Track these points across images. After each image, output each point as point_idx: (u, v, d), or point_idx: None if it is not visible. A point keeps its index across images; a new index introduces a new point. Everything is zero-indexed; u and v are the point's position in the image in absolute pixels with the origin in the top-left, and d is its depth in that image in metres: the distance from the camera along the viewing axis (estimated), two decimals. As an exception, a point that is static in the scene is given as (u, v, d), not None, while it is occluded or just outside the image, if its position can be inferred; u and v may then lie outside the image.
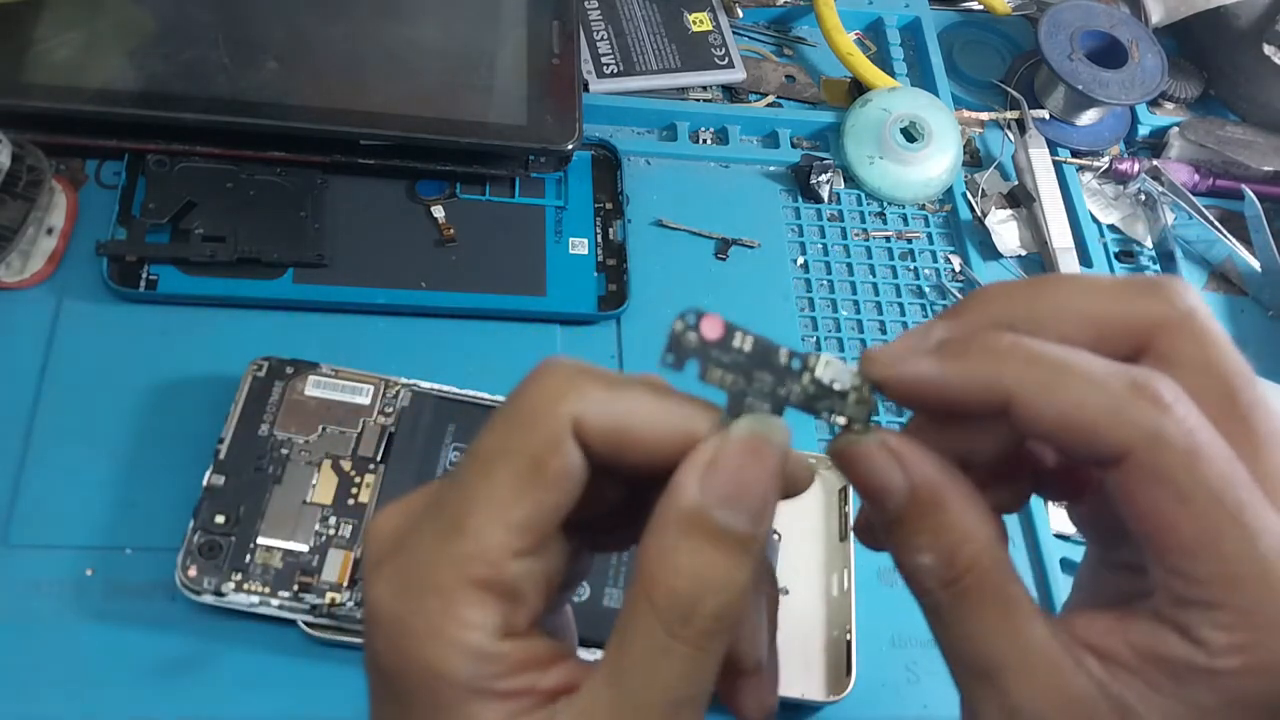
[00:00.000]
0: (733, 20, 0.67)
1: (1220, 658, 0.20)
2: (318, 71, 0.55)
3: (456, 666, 0.20)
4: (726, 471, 0.20)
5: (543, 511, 0.21)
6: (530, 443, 0.21)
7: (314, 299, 0.51)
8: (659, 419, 0.21)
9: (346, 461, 0.46)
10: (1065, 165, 0.66)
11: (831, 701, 0.45)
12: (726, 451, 0.21)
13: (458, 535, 0.21)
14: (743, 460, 0.21)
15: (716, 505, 0.20)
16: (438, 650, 0.20)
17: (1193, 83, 0.70)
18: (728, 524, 0.20)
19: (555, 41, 0.59)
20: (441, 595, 0.21)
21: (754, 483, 0.21)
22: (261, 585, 0.43)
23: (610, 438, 0.21)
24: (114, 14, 0.54)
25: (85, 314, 0.49)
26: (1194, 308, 0.22)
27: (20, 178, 0.49)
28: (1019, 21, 0.73)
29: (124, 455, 0.46)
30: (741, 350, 0.22)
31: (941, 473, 0.22)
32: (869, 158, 0.62)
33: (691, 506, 0.20)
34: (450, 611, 0.20)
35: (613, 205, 0.58)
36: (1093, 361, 0.21)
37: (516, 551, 0.21)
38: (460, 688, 0.20)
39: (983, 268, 0.61)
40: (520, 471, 0.21)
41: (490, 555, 0.21)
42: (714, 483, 0.20)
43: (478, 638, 0.20)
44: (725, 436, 0.21)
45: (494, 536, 0.21)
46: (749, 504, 0.20)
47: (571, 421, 0.21)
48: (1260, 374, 0.61)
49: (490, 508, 0.21)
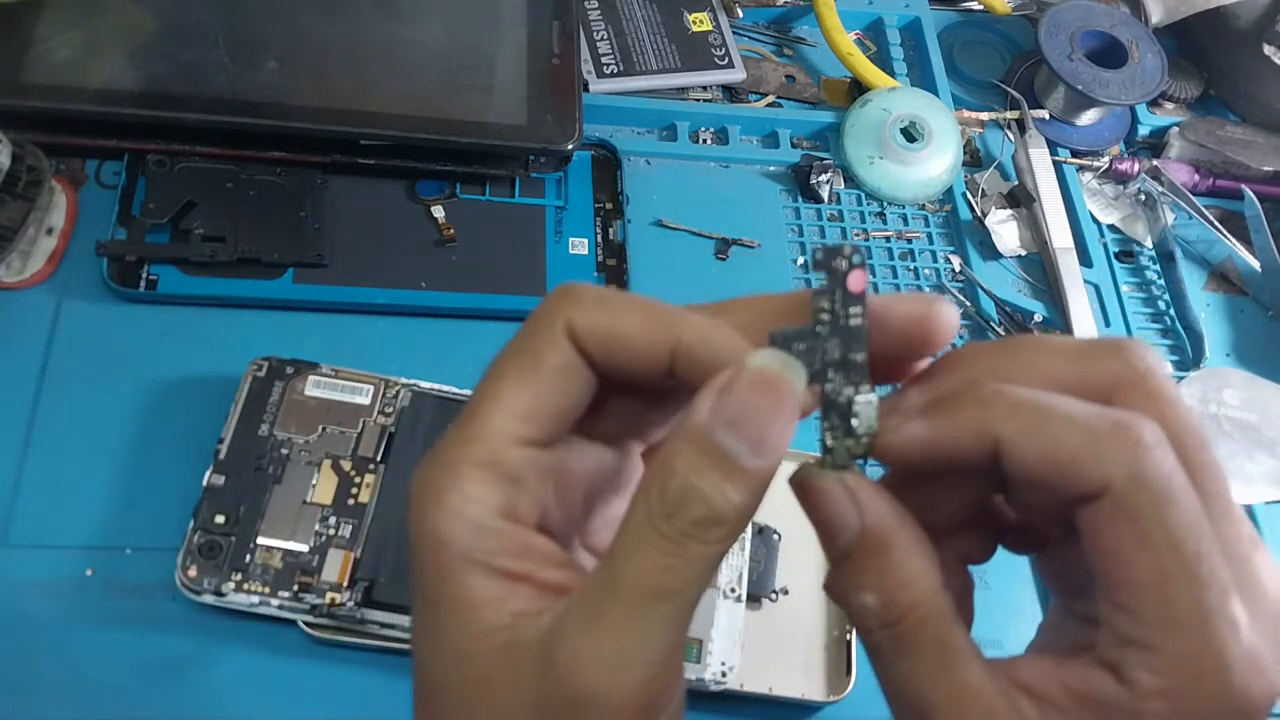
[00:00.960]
0: (733, 20, 0.67)
1: (1147, 700, 0.21)
2: (318, 71, 0.55)
3: (454, 533, 0.22)
4: (735, 398, 0.21)
5: (541, 401, 0.23)
6: (529, 343, 0.23)
7: (314, 299, 0.51)
8: (641, 326, 0.23)
9: (346, 461, 0.46)
10: (1065, 165, 0.66)
11: (831, 701, 0.45)
12: (739, 379, 0.22)
13: (467, 422, 0.23)
14: (752, 390, 0.22)
15: (719, 427, 0.21)
16: (440, 516, 0.23)
17: (1193, 83, 0.70)
18: (726, 446, 0.21)
19: (555, 41, 0.59)
20: (449, 471, 0.23)
21: (759, 413, 0.21)
22: (261, 585, 0.43)
23: (599, 340, 0.23)
24: (114, 14, 0.54)
25: (85, 314, 0.49)
26: (1151, 368, 0.23)
27: (20, 178, 0.49)
28: (1019, 21, 0.73)
29: (124, 455, 0.46)
30: (847, 320, 0.22)
31: (893, 517, 0.23)
32: (869, 158, 0.62)
33: (699, 422, 0.21)
34: (454, 484, 0.23)
35: (613, 205, 0.58)
36: (1074, 404, 0.22)
37: (520, 439, 0.23)
38: (458, 555, 0.22)
39: (983, 268, 0.61)
40: (520, 366, 0.23)
41: (491, 439, 0.23)
42: (722, 406, 0.21)
43: (475, 510, 0.22)
44: (741, 365, 0.22)
45: (495, 422, 0.23)
46: (750, 433, 0.21)
47: (564, 324, 0.23)
48: (1260, 374, 0.61)
49: (494, 398, 0.23)
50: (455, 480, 0.23)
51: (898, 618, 0.22)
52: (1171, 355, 0.61)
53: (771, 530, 0.48)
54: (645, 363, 0.23)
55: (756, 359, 0.22)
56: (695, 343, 0.23)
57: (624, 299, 0.24)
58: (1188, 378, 0.60)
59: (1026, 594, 0.51)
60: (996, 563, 0.25)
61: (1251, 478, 0.57)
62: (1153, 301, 0.63)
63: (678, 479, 0.21)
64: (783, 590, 0.48)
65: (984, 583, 0.51)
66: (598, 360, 0.23)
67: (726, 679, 0.44)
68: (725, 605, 0.46)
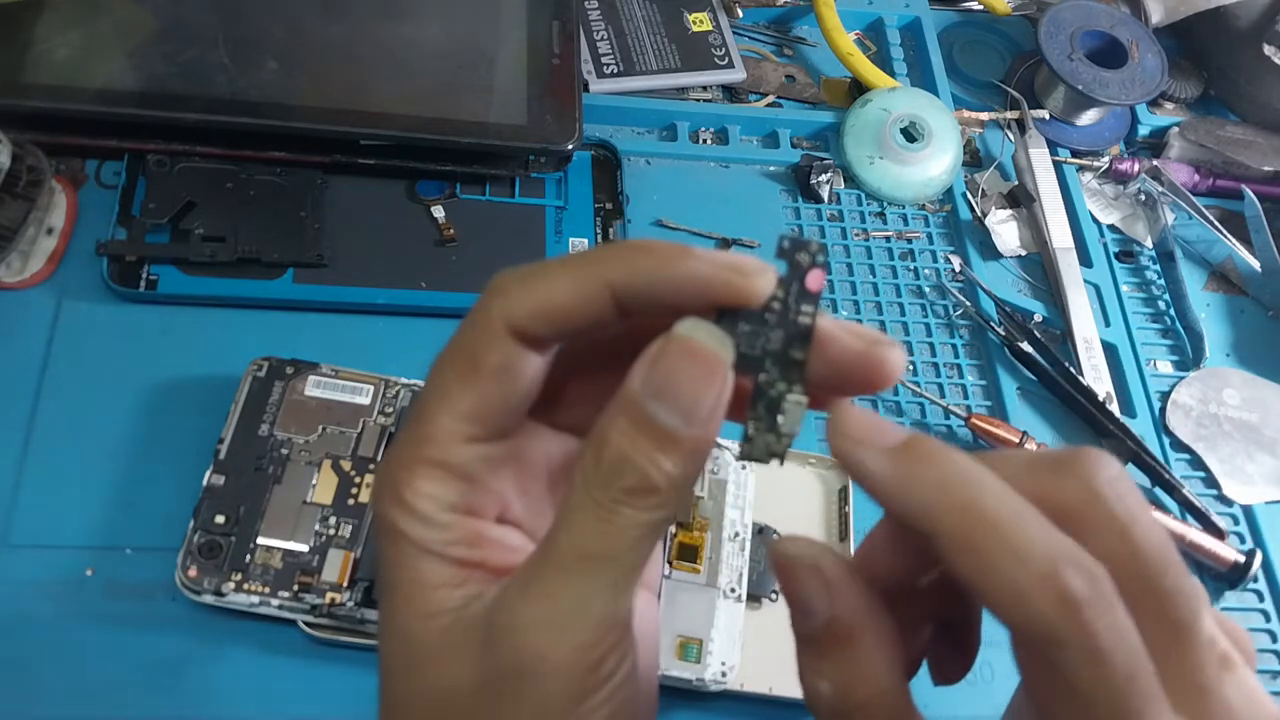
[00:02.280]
0: (733, 20, 0.67)
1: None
2: (318, 71, 0.55)
3: (409, 527, 0.23)
4: (661, 368, 0.22)
5: (487, 401, 0.23)
6: (468, 342, 0.24)
7: (314, 299, 0.51)
8: (571, 287, 0.23)
9: (346, 461, 0.46)
10: (1065, 165, 0.66)
11: (831, 701, 0.45)
12: (667, 348, 0.22)
13: (418, 421, 0.24)
14: (679, 359, 0.22)
15: (649, 397, 0.21)
16: (396, 512, 0.23)
17: (1193, 83, 0.70)
18: (655, 415, 0.21)
19: (555, 41, 0.59)
20: (404, 469, 0.24)
21: (688, 382, 0.21)
22: (261, 585, 0.43)
23: (539, 320, 0.23)
24: (114, 14, 0.54)
25: (85, 314, 0.49)
26: (1103, 488, 0.21)
27: (20, 178, 0.48)
28: (1019, 21, 0.73)
29: (124, 455, 0.46)
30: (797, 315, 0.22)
31: (863, 610, 0.22)
32: (869, 158, 0.62)
33: (632, 392, 0.22)
34: (408, 482, 0.23)
35: (613, 205, 0.58)
36: (1025, 530, 0.20)
37: (467, 437, 0.24)
38: (412, 545, 0.23)
39: (983, 268, 0.61)
40: (461, 368, 0.23)
41: (440, 439, 0.23)
42: (650, 375, 0.22)
43: (427, 505, 0.23)
44: (668, 335, 0.22)
45: (442, 424, 0.23)
46: (679, 402, 0.21)
47: (503, 320, 0.23)
48: (1260, 374, 0.61)
49: (439, 399, 0.24)
50: (410, 478, 0.23)
51: (849, 710, 0.22)
52: (1171, 355, 0.61)
53: (771, 530, 0.48)
54: (590, 319, 0.23)
55: (683, 328, 0.22)
56: (629, 276, 0.23)
57: (546, 267, 0.23)
58: (1187, 378, 0.60)
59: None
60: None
61: (1251, 478, 0.57)
62: (1153, 301, 0.63)
63: (611, 448, 0.22)
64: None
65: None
66: (549, 338, 0.23)
67: (726, 679, 0.44)
68: (725, 605, 0.46)
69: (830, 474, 0.51)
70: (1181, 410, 0.58)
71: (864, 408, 0.23)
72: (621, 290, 0.23)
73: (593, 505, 0.22)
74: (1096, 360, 0.59)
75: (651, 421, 0.21)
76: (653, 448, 0.21)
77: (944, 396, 0.56)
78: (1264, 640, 0.53)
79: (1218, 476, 0.57)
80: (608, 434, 0.22)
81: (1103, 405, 0.56)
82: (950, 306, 0.59)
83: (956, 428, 0.55)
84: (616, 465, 0.21)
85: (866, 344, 0.23)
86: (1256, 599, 0.54)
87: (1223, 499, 0.56)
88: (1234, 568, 0.53)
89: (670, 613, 0.45)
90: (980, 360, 0.58)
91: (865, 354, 0.23)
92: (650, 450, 0.21)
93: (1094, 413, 0.56)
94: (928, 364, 0.58)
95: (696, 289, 0.22)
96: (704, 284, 0.22)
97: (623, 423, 0.22)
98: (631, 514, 0.22)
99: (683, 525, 0.47)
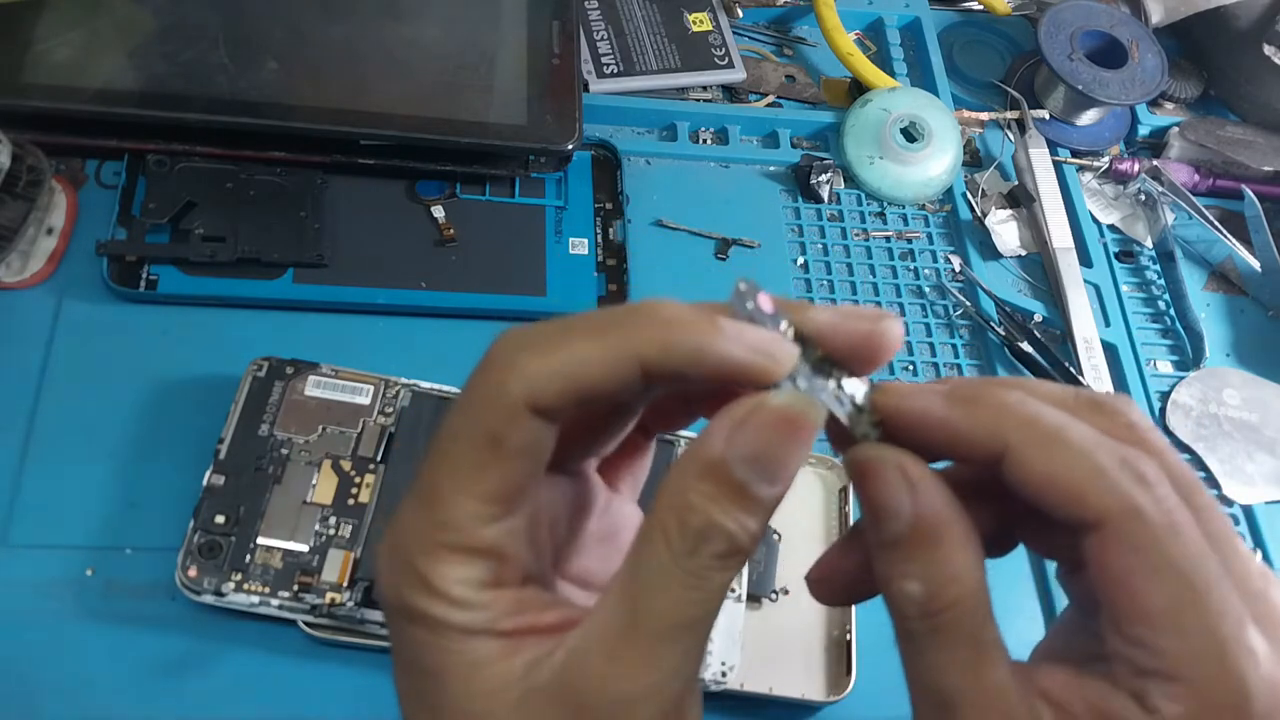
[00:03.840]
0: (733, 20, 0.67)
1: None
2: (318, 71, 0.55)
3: (447, 613, 0.22)
4: (756, 434, 0.21)
5: (507, 482, 0.23)
6: (487, 421, 0.22)
7: (314, 299, 0.51)
8: (600, 358, 0.22)
9: (346, 461, 0.46)
10: (1065, 165, 0.66)
11: (831, 701, 0.45)
12: (760, 415, 0.22)
13: (431, 506, 0.23)
14: (775, 428, 0.21)
15: (738, 461, 0.21)
16: (428, 601, 0.22)
17: (1193, 83, 0.70)
18: (744, 479, 0.21)
19: (555, 41, 0.59)
20: (422, 556, 0.22)
21: (779, 450, 0.21)
22: (261, 585, 0.43)
23: (564, 395, 0.22)
24: (114, 14, 0.54)
25: (85, 314, 0.49)
26: (1138, 422, 0.23)
27: (20, 178, 0.48)
28: (1019, 21, 0.73)
29: (124, 455, 0.46)
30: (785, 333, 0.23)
31: (948, 508, 0.23)
32: (869, 158, 0.62)
33: (715, 456, 0.21)
34: (434, 570, 0.22)
35: (613, 205, 0.58)
36: (1086, 431, 0.22)
37: (490, 518, 0.23)
38: (455, 629, 0.22)
39: (983, 268, 0.61)
40: (480, 448, 0.22)
41: (462, 524, 0.22)
42: (740, 440, 0.21)
43: (462, 590, 0.22)
44: (764, 401, 0.22)
45: (463, 507, 0.22)
46: (769, 468, 0.21)
47: (526, 398, 0.22)
48: (1260, 374, 0.61)
49: (457, 482, 0.23)
50: (434, 564, 0.22)
51: (940, 609, 0.22)
52: (1171, 355, 0.61)
53: (772, 530, 0.48)
54: (618, 393, 0.22)
55: (779, 398, 0.22)
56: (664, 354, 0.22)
57: (568, 337, 0.22)
58: (1188, 378, 0.60)
59: (1026, 594, 0.51)
60: (996, 563, 0.25)
61: (1251, 478, 0.57)
62: (1153, 301, 0.63)
63: (698, 514, 0.21)
64: (783, 590, 0.48)
65: (984, 583, 0.51)
66: (569, 411, 0.23)
67: (726, 679, 0.44)
68: (725, 605, 0.46)
69: (830, 474, 0.51)
70: (1181, 410, 0.58)
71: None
72: (654, 368, 0.22)
73: (682, 574, 0.21)
74: (1096, 360, 0.59)
75: (740, 485, 0.21)
76: (740, 510, 0.21)
77: (944, 396, 0.56)
78: (1264, 640, 0.53)
79: (1218, 476, 0.57)
80: (690, 499, 0.21)
81: (1103, 405, 0.56)
82: (950, 306, 0.59)
83: (956, 428, 0.55)
84: (704, 531, 0.21)
85: (870, 324, 0.23)
86: (1256, 599, 0.54)
87: (1223, 499, 0.56)
88: (1234, 568, 0.53)
89: (670, 613, 0.45)
90: (980, 360, 0.58)
91: (871, 334, 0.23)
92: (739, 514, 0.21)
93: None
94: (928, 364, 0.58)
95: (730, 374, 0.22)
96: (738, 370, 0.22)
97: (708, 488, 0.21)
98: (721, 576, 0.22)
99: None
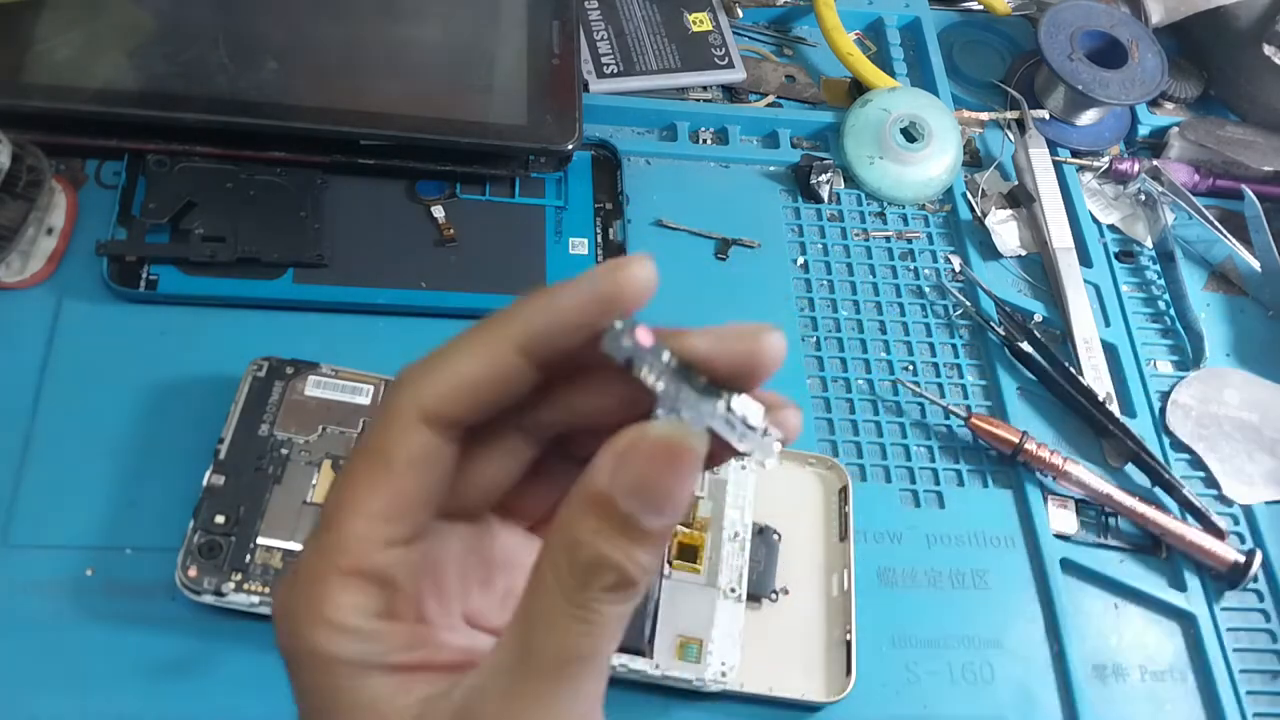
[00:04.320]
0: (733, 20, 0.67)
1: None
2: (318, 71, 0.55)
3: (339, 646, 0.22)
4: (638, 466, 0.21)
5: (400, 499, 0.22)
6: (377, 438, 0.22)
7: (314, 299, 0.51)
8: (479, 362, 0.22)
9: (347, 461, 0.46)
10: (1065, 165, 0.66)
11: (831, 701, 0.45)
12: (641, 446, 0.21)
13: (327, 530, 0.22)
14: (655, 459, 0.21)
15: (622, 493, 0.21)
16: (320, 632, 0.22)
17: (1193, 83, 0.70)
18: (630, 511, 0.21)
19: (555, 41, 0.59)
20: (316, 583, 0.22)
21: (663, 481, 0.21)
22: (261, 585, 0.43)
23: (454, 401, 0.22)
24: (114, 14, 0.54)
25: (85, 314, 0.49)
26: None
27: (20, 178, 0.48)
28: (1019, 21, 0.73)
29: (124, 455, 0.46)
30: (669, 364, 0.22)
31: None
32: (869, 158, 0.62)
33: (600, 489, 0.21)
34: (325, 596, 0.22)
35: (613, 205, 0.58)
36: None
37: (385, 540, 0.22)
38: (347, 664, 0.22)
39: (983, 268, 0.61)
40: (371, 465, 0.22)
41: (353, 545, 0.22)
42: (623, 472, 0.21)
43: (353, 619, 0.22)
44: (644, 432, 0.21)
45: (355, 527, 0.22)
46: (654, 500, 0.21)
47: (413, 408, 0.22)
48: (1260, 374, 0.61)
49: (350, 503, 0.22)
50: (325, 592, 0.22)
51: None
52: (1171, 355, 0.61)
53: (772, 530, 0.48)
54: (508, 386, 0.22)
55: (658, 428, 0.21)
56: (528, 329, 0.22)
57: (449, 344, 0.22)
58: (1188, 378, 0.60)
59: (1027, 594, 0.51)
60: (996, 564, 0.25)
61: (1251, 478, 0.57)
62: (1153, 301, 0.63)
63: (586, 549, 0.21)
64: (783, 590, 0.48)
65: (984, 583, 0.51)
66: (466, 417, 0.22)
67: (726, 679, 0.44)
68: (725, 605, 0.46)
69: (830, 474, 0.51)
70: (1181, 410, 0.58)
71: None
72: (529, 346, 0.22)
73: (572, 608, 0.21)
74: (1096, 360, 0.59)
75: (627, 518, 0.21)
76: (629, 544, 0.21)
77: (944, 396, 0.56)
78: (1264, 640, 0.53)
79: (1218, 476, 0.57)
80: (577, 534, 0.21)
81: (1103, 405, 0.56)
82: (950, 306, 0.59)
83: (956, 428, 0.55)
84: (592, 566, 0.21)
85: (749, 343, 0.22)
86: (1256, 599, 0.54)
87: (1223, 499, 0.56)
88: (1234, 568, 0.53)
89: (670, 612, 0.45)
90: (980, 360, 0.58)
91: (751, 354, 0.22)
92: (627, 547, 0.21)
93: (1094, 413, 0.56)
94: (928, 364, 0.58)
95: (588, 314, 0.22)
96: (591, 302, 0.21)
97: (595, 521, 0.21)
98: (612, 610, 0.21)
99: (683, 525, 0.47)
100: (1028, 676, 0.49)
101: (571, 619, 0.21)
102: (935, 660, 0.49)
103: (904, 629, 0.49)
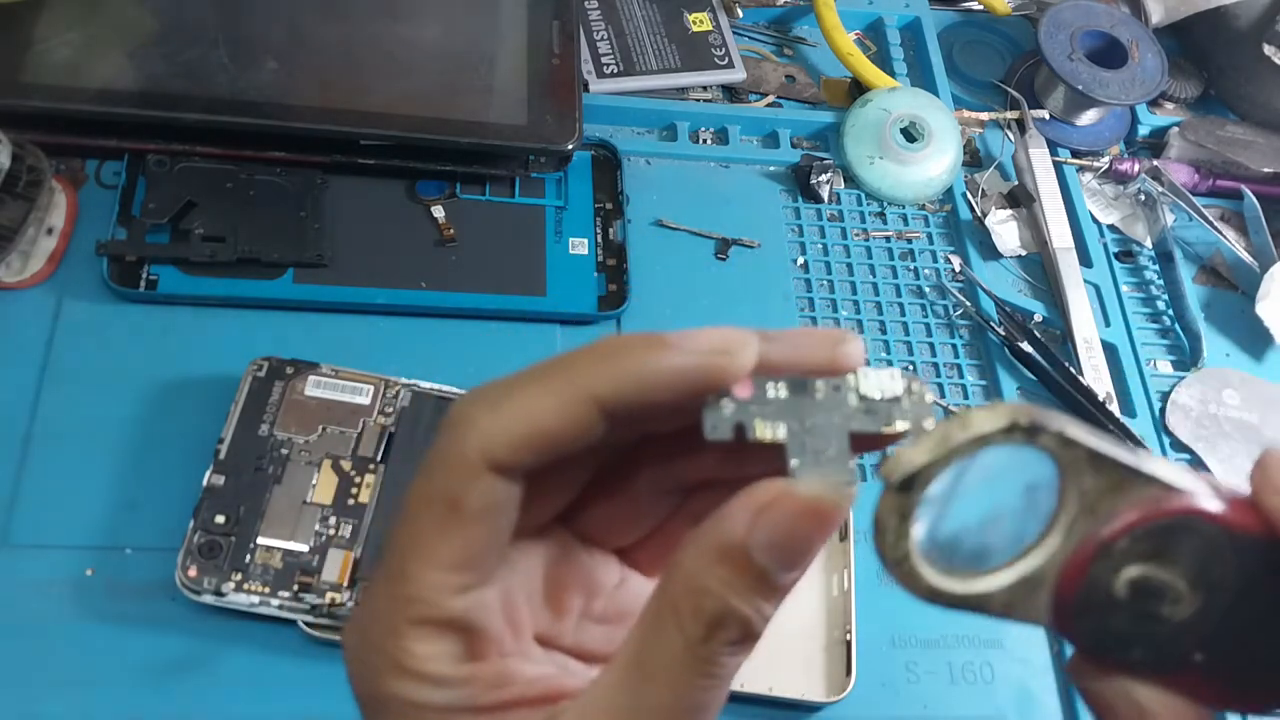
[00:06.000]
0: (733, 20, 0.67)
1: None
2: (318, 71, 0.55)
3: (425, 695, 0.21)
4: (782, 523, 0.20)
5: (472, 547, 0.21)
6: (445, 484, 0.21)
7: (314, 299, 0.51)
8: (555, 407, 0.21)
9: (346, 461, 0.46)
10: (1065, 165, 0.66)
11: (831, 701, 0.45)
12: (786, 505, 0.20)
13: (398, 580, 0.22)
14: (802, 519, 0.20)
15: (760, 548, 0.20)
16: (404, 684, 0.21)
17: (1193, 83, 0.70)
18: (765, 565, 0.20)
19: (555, 41, 0.59)
20: (392, 635, 0.21)
21: (805, 539, 0.20)
22: (261, 585, 0.43)
23: (526, 452, 0.21)
24: (114, 14, 0.54)
25: (85, 314, 0.49)
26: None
27: (20, 178, 0.48)
28: (1019, 21, 0.73)
29: (124, 455, 0.46)
30: (778, 397, 0.21)
31: None
32: (869, 158, 0.62)
33: (736, 541, 0.20)
34: (404, 649, 0.21)
35: (613, 205, 0.58)
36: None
37: (458, 588, 0.21)
38: (436, 711, 0.21)
39: (983, 268, 0.61)
40: (439, 515, 0.21)
41: (428, 596, 0.21)
42: (765, 527, 0.20)
43: (436, 666, 0.21)
44: (790, 488, 0.20)
45: (428, 578, 0.21)
46: (793, 556, 0.20)
47: (481, 456, 0.21)
48: (1260, 374, 0.61)
49: (419, 552, 0.21)
50: (404, 645, 0.21)
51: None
52: (1171, 355, 0.61)
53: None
54: (579, 439, 0.21)
55: (809, 487, 0.20)
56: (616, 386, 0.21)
57: (518, 388, 0.21)
58: (1187, 378, 0.60)
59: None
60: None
61: (1251, 478, 0.57)
62: (1152, 302, 0.63)
63: (713, 600, 0.20)
64: (783, 590, 0.48)
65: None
66: (529, 464, 0.21)
67: (726, 679, 0.44)
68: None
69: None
70: (1181, 410, 0.58)
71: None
72: (610, 403, 0.21)
73: (695, 661, 0.20)
74: (1096, 360, 0.59)
75: (761, 572, 0.20)
76: (758, 597, 0.20)
77: (944, 396, 0.56)
78: (1264, 640, 0.53)
79: (1218, 477, 0.57)
80: (706, 583, 0.20)
81: (1103, 405, 0.56)
82: (950, 306, 0.59)
83: (956, 428, 0.55)
84: (719, 618, 0.20)
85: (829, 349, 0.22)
86: (1256, 599, 0.54)
87: (1223, 499, 0.56)
88: (1234, 568, 0.53)
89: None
90: (980, 360, 0.58)
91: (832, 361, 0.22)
92: (756, 600, 0.20)
93: (1094, 413, 0.56)
94: (928, 364, 0.58)
95: (686, 384, 0.21)
96: (692, 376, 0.21)
97: (725, 573, 0.20)
98: (733, 663, 0.21)
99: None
100: (1028, 676, 0.49)
101: (694, 671, 0.20)
102: (935, 660, 0.49)
103: (904, 629, 0.49)
